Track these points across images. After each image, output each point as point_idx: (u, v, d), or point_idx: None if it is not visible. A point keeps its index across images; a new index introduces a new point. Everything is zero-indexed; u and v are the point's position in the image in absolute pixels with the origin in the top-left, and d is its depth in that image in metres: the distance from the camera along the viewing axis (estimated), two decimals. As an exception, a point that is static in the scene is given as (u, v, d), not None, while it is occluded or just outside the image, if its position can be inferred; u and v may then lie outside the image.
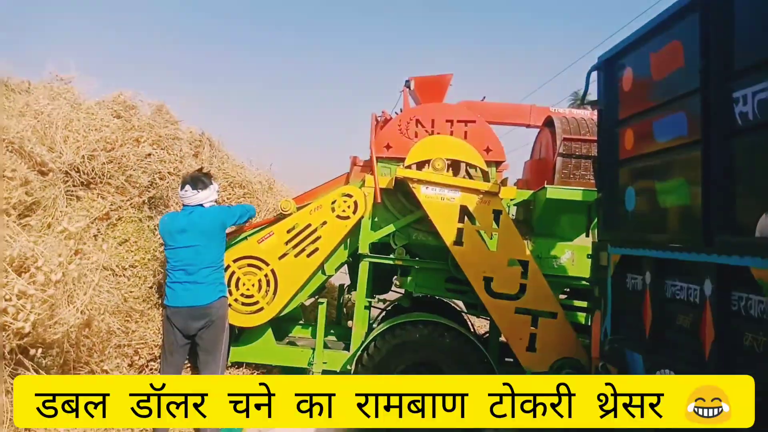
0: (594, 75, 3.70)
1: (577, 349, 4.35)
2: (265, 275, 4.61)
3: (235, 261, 4.59)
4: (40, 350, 3.10)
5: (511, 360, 4.71)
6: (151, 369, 4.34)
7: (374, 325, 5.53)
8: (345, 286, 6.20)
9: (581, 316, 5.10)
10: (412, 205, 4.72)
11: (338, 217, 4.63)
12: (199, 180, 3.98)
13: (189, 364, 4.32)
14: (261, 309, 4.63)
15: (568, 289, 5.09)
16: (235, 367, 5.10)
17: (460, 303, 5.51)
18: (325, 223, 4.64)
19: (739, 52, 2.38)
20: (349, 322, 4.96)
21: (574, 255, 4.72)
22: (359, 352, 4.55)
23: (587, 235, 4.08)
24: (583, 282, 4.66)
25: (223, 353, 3.98)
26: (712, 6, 2.50)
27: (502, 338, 4.73)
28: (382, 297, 5.75)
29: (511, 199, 4.82)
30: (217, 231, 3.96)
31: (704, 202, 2.51)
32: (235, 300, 4.59)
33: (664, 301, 2.90)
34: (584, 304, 4.97)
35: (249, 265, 4.62)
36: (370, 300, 5.12)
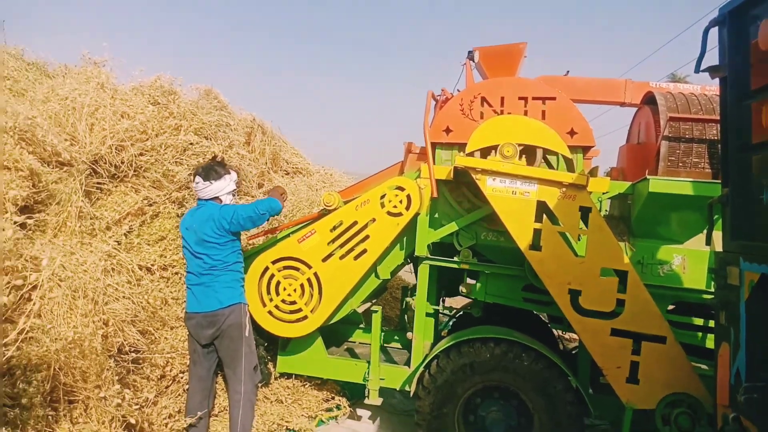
0: (714, 32, 2.78)
1: (692, 382, 3.45)
2: (308, 279, 4.03)
3: (274, 263, 4.05)
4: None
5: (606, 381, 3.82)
6: (178, 382, 3.89)
7: (443, 334, 4.85)
8: (411, 286, 5.49)
9: (697, 335, 4.10)
10: (478, 200, 3.95)
11: (389, 213, 3.93)
12: (211, 170, 3.59)
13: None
14: (305, 317, 4.06)
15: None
16: (285, 378, 4.60)
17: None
18: (374, 220, 3.97)
19: None
20: (408, 334, 4.27)
21: (686, 261, 3.78)
22: (420, 370, 3.94)
23: (707, 243, 3.14)
24: (703, 296, 3.72)
25: (244, 367, 3.55)
26: None
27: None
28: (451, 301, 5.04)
29: (603, 193, 3.93)
30: (211, 233, 3.50)
31: None
32: (276, 306, 4.07)
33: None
34: (700, 321, 3.99)
35: (289, 267, 4.05)
36: (435, 307, 4.44)
